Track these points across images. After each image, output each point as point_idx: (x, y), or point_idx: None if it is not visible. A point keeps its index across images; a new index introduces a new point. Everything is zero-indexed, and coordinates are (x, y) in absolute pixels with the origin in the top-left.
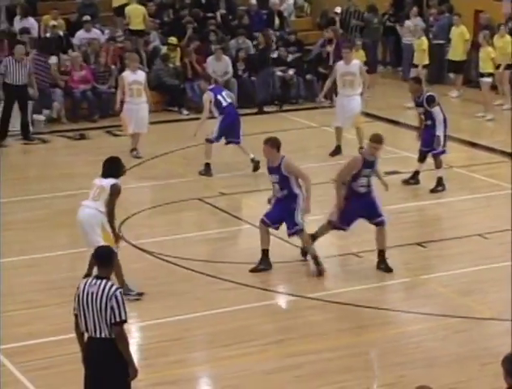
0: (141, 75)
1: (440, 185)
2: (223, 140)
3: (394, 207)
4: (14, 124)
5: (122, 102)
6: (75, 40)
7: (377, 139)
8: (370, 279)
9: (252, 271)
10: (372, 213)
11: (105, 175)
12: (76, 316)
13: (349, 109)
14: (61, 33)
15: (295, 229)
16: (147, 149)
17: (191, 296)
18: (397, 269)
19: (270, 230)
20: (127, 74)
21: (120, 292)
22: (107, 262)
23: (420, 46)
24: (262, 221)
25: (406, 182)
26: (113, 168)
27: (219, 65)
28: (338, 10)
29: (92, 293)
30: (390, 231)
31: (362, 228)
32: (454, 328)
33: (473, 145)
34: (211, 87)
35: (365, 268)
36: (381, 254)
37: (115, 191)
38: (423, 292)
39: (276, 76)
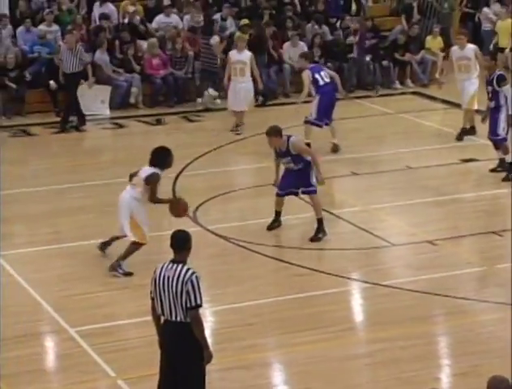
0: (246, 56)
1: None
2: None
3: (470, 195)
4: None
5: (229, 79)
6: (154, 24)
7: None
8: (445, 267)
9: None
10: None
11: (151, 164)
12: (153, 299)
13: (467, 91)
14: (138, 18)
15: (310, 189)
16: (223, 135)
17: (265, 281)
18: (472, 258)
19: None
20: (233, 54)
21: (196, 277)
22: (183, 247)
23: (508, 29)
24: (277, 194)
25: (494, 171)
26: (159, 158)
27: (295, 51)
28: None
29: (168, 277)
30: (467, 219)
31: (436, 216)
32: None
33: None
34: (311, 66)
35: (440, 256)
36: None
37: (151, 181)
38: (498, 282)
39: (352, 62)
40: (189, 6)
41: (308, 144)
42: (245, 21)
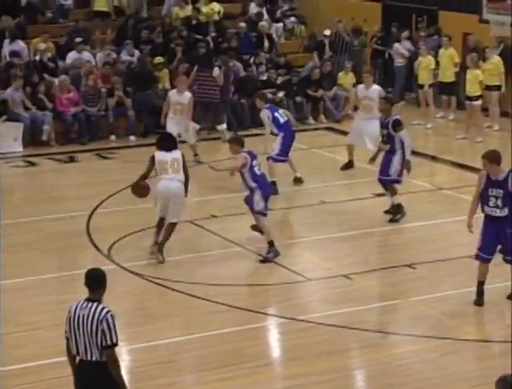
0: (186, 98)
1: (399, 212)
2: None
3: (384, 228)
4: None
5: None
6: (68, 60)
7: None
8: (360, 301)
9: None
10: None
11: (169, 148)
12: (67, 339)
13: (367, 131)
14: (49, 56)
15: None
16: (138, 172)
17: (181, 318)
18: (386, 291)
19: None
20: (173, 94)
21: (111, 315)
22: (98, 285)
23: (428, 65)
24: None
25: (388, 212)
26: (172, 140)
27: None
28: (327, 32)
29: (83, 316)
30: (380, 253)
31: (350, 250)
32: (444, 350)
33: (462, 166)
34: (267, 105)
35: (355, 290)
36: None
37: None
38: (412, 314)
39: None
40: (103, 43)
41: (273, 182)
42: (159, 59)
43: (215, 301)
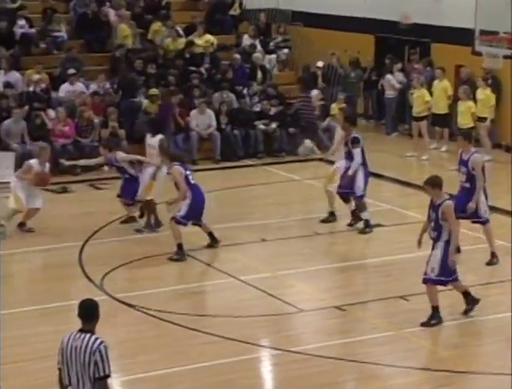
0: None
1: (368, 226)
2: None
3: (378, 260)
4: None
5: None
6: (61, 93)
7: None
8: (353, 332)
9: None
10: None
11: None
12: (60, 370)
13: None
14: (43, 87)
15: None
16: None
17: (173, 350)
18: (380, 323)
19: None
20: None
21: (104, 346)
22: (91, 316)
23: (423, 97)
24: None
25: (351, 225)
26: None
27: (202, 118)
28: (320, 64)
29: (76, 347)
30: (373, 284)
31: (343, 281)
32: (438, 382)
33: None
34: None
35: (348, 321)
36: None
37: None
38: (406, 346)
39: (259, 129)
40: (98, 73)
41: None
42: (154, 91)
43: (207, 332)
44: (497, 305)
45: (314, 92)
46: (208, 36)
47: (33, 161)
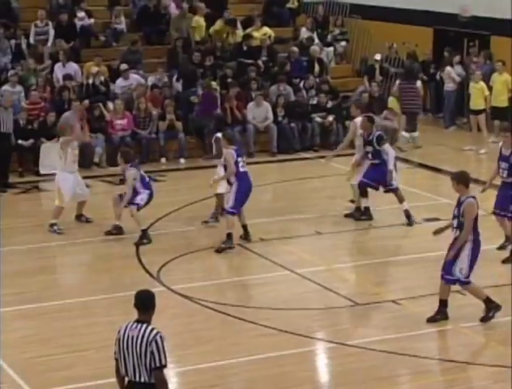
0: None
1: (409, 217)
2: None
3: (435, 254)
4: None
5: None
6: (116, 89)
7: None
8: (408, 327)
9: None
10: None
11: None
12: (117, 360)
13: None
14: (102, 79)
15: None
16: (187, 195)
17: (229, 341)
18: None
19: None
20: None
21: (160, 337)
22: (147, 306)
23: (482, 91)
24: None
25: (351, 216)
26: None
27: (259, 111)
28: (378, 57)
29: (133, 337)
30: (429, 278)
31: (400, 275)
32: (496, 378)
33: None
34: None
35: (404, 316)
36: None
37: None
38: (461, 341)
39: (315, 122)
40: (155, 66)
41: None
42: (212, 83)
43: (263, 325)
44: None
45: (419, 83)
46: (266, 29)
47: (67, 115)
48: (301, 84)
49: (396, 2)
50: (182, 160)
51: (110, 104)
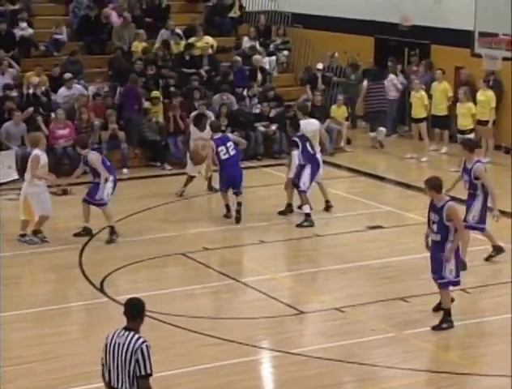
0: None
1: (305, 220)
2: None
3: (377, 261)
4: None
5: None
6: (58, 99)
7: None
8: (353, 334)
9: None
10: None
11: None
12: (103, 366)
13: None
14: (43, 89)
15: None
16: (130, 205)
17: (173, 352)
18: (380, 324)
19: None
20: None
21: (146, 346)
22: (136, 315)
23: (423, 100)
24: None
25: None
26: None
27: None
28: (320, 66)
29: (119, 344)
30: (373, 286)
31: (344, 283)
32: (438, 384)
33: (455, 200)
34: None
35: (348, 323)
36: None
37: None
38: (406, 348)
39: (259, 131)
40: (97, 76)
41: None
42: (156, 93)
43: (207, 335)
44: (497, 307)
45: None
46: (207, 38)
47: (36, 151)
48: (244, 93)
49: (337, 11)
50: (125, 170)
51: (52, 114)
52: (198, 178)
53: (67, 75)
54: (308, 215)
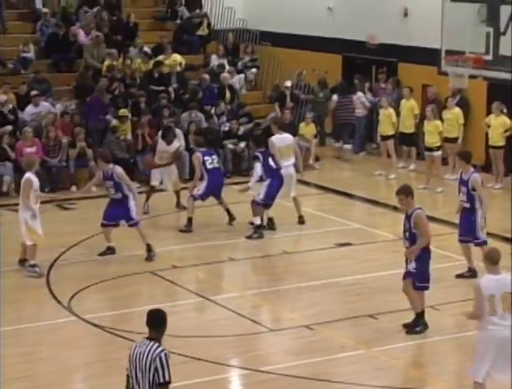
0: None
1: (255, 232)
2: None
3: (347, 279)
4: None
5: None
6: (25, 116)
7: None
8: (322, 351)
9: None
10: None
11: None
12: (128, 376)
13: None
14: (10, 107)
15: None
16: (98, 223)
17: None
18: (349, 341)
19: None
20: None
21: (165, 354)
22: (158, 325)
23: (390, 117)
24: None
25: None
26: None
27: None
28: (288, 83)
29: (140, 354)
30: (342, 303)
31: (314, 300)
32: None
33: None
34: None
35: (317, 341)
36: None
37: None
38: (375, 365)
39: (227, 149)
40: (64, 93)
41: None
42: (124, 112)
43: (176, 353)
44: (466, 324)
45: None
46: (176, 56)
47: (29, 174)
48: (213, 111)
49: (305, 29)
50: (94, 189)
51: (18, 133)
52: (167, 196)
53: (34, 92)
54: (258, 227)
